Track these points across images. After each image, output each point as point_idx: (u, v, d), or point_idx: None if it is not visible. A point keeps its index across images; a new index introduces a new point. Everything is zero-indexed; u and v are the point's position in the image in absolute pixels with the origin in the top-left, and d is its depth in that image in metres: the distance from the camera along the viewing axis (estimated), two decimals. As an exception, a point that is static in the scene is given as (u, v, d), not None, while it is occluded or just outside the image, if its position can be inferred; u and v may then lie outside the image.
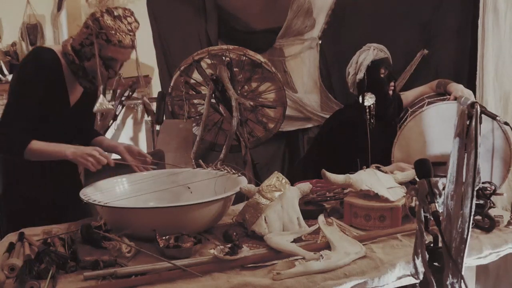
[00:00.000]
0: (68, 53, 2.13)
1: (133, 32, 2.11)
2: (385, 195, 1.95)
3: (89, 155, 2.01)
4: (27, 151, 2.03)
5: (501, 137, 2.44)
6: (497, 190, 2.01)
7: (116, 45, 2.06)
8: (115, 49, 2.08)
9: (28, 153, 2.04)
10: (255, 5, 4.12)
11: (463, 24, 3.60)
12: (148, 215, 1.85)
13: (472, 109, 1.39)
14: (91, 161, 2.00)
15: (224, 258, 1.62)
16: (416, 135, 2.56)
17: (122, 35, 2.06)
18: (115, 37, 2.05)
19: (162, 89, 4.19)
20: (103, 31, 2.04)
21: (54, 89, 2.14)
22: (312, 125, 4.12)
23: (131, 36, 2.09)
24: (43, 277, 1.53)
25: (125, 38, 2.07)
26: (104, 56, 2.09)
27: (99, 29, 2.04)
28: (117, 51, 2.09)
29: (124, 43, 2.07)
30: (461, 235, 1.39)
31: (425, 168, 1.41)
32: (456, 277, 1.37)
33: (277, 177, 1.97)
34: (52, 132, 2.15)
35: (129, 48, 2.10)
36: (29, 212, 2.21)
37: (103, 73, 2.12)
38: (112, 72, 2.16)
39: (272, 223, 1.86)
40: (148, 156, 2.28)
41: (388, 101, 2.77)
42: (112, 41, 2.05)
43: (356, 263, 1.66)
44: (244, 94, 3.82)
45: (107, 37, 2.05)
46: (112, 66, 2.13)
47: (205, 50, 3.72)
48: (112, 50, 2.08)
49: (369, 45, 2.78)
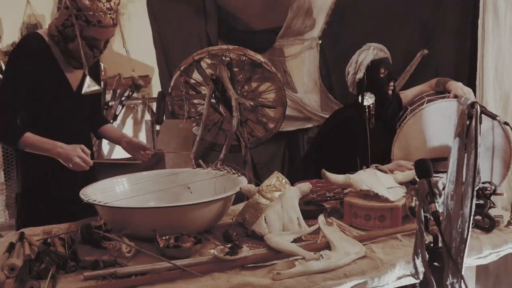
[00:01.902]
0: (53, 34, 2.13)
1: (113, 10, 2.07)
2: (385, 195, 1.95)
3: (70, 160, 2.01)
4: (21, 142, 2.05)
5: (501, 135, 2.44)
6: (497, 190, 2.01)
7: (96, 25, 2.04)
8: (95, 29, 2.05)
9: (22, 145, 2.06)
10: (255, 5, 4.11)
11: (463, 24, 3.60)
12: (148, 215, 1.85)
13: (472, 109, 1.39)
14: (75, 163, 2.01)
15: (224, 258, 1.62)
16: (416, 133, 2.57)
17: (101, 15, 2.03)
18: (94, 18, 2.02)
19: (162, 89, 4.18)
20: (82, 12, 2.02)
21: (49, 73, 2.14)
22: (312, 125, 4.12)
23: (110, 14, 2.06)
24: (43, 277, 1.53)
25: (105, 18, 2.04)
26: (86, 36, 2.08)
27: (78, 11, 2.02)
28: (98, 31, 2.06)
29: (104, 22, 2.04)
30: (461, 235, 1.39)
31: (425, 168, 1.42)
32: (456, 277, 1.37)
33: (277, 177, 1.97)
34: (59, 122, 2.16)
35: (110, 27, 2.08)
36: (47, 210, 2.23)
37: (88, 53, 2.11)
38: (97, 52, 2.15)
39: (272, 223, 1.86)
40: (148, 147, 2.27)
41: (388, 100, 2.77)
42: (91, 21, 2.03)
43: (356, 263, 1.66)
44: (244, 94, 3.82)
45: (86, 18, 2.03)
46: (95, 45, 2.12)
47: (205, 50, 3.72)
48: (92, 30, 2.06)
49: (369, 44, 2.78)
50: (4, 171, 4.80)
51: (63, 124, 2.21)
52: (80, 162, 2.01)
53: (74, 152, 2.02)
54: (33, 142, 2.06)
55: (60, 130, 2.15)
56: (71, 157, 2.01)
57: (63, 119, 2.22)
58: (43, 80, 2.12)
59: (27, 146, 2.07)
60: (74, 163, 2.01)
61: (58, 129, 2.15)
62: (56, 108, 2.19)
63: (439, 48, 3.68)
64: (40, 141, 2.07)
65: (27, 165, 2.25)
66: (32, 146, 2.07)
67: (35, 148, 2.07)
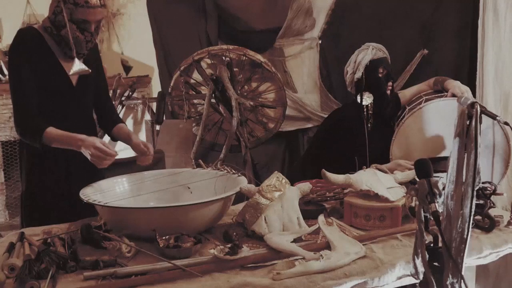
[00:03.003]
0: (46, 25, 2.16)
1: None
2: (385, 195, 1.95)
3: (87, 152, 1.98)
4: (44, 137, 2.06)
5: (501, 133, 2.44)
6: (497, 190, 2.01)
7: (84, 6, 2.07)
8: (84, 10, 2.08)
9: (46, 140, 2.07)
10: (255, 5, 4.11)
11: (463, 24, 3.60)
12: (148, 215, 1.85)
13: (472, 109, 1.39)
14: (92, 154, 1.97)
15: (224, 258, 1.62)
16: (415, 132, 2.57)
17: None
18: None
19: (162, 89, 4.18)
20: None
21: (47, 67, 2.16)
22: (312, 125, 4.12)
23: None
24: (43, 277, 1.53)
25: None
26: (76, 19, 2.10)
27: None
28: (86, 12, 2.09)
29: (91, 3, 2.08)
30: (461, 235, 1.39)
31: (425, 168, 1.41)
32: (456, 277, 1.37)
33: (277, 177, 1.97)
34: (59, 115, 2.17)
35: (97, 7, 2.11)
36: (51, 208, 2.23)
37: (79, 37, 2.14)
38: (88, 35, 2.16)
39: (272, 223, 1.86)
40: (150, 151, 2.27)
41: (386, 100, 2.77)
42: (78, 3, 2.07)
43: (356, 263, 1.66)
44: (244, 94, 3.82)
45: (73, 0, 2.06)
46: (86, 28, 2.14)
47: (205, 50, 3.72)
48: (81, 12, 2.09)
49: (368, 44, 2.78)
50: (4, 171, 4.80)
51: (63, 117, 2.20)
52: (97, 152, 1.96)
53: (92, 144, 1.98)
54: (56, 136, 2.07)
55: (60, 123, 2.13)
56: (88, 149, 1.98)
57: (63, 111, 2.22)
58: (41, 71, 2.14)
59: (50, 141, 2.07)
60: (92, 156, 1.98)
61: (58, 123, 2.13)
62: (55, 99, 2.19)
63: (439, 48, 3.68)
64: (62, 135, 2.07)
65: (31, 164, 2.25)
66: (55, 140, 2.07)
67: (58, 142, 2.07)
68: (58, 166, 2.24)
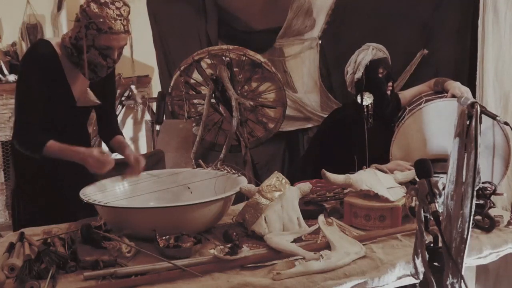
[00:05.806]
0: (67, 45, 2.13)
1: (123, 17, 2.08)
2: (385, 195, 1.95)
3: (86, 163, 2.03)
4: (45, 150, 2.07)
5: (500, 133, 2.45)
6: (497, 190, 2.01)
7: (107, 33, 2.04)
8: (107, 37, 2.05)
9: (46, 153, 2.08)
10: (255, 5, 4.12)
11: (463, 24, 3.60)
12: (148, 215, 1.85)
13: (472, 109, 1.39)
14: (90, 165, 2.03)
15: (224, 258, 1.62)
16: (414, 132, 2.57)
17: (111, 21, 2.03)
18: (105, 25, 2.02)
19: (162, 89, 4.18)
20: (92, 20, 2.03)
21: (55, 83, 2.14)
22: (312, 125, 4.12)
23: (121, 21, 2.06)
24: (43, 277, 1.53)
25: (115, 24, 2.04)
26: (99, 45, 2.07)
27: (88, 20, 2.03)
28: (109, 38, 2.06)
29: (114, 29, 2.04)
30: (461, 235, 1.39)
31: (425, 168, 1.42)
32: (456, 277, 1.37)
33: (277, 177, 1.97)
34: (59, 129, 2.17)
35: (121, 33, 2.07)
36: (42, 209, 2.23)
37: (101, 63, 2.11)
38: (111, 61, 2.13)
39: (272, 223, 1.86)
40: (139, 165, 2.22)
41: (386, 101, 2.77)
42: (102, 29, 2.03)
43: (356, 263, 1.66)
44: (244, 94, 3.82)
45: (96, 26, 2.03)
46: (109, 54, 2.11)
47: (205, 50, 3.72)
48: (104, 38, 2.05)
49: (368, 44, 2.78)
50: (4, 171, 4.80)
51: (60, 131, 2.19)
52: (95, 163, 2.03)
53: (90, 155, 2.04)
54: (57, 149, 2.08)
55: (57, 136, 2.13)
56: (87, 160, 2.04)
57: (61, 126, 2.22)
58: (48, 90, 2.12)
59: (51, 154, 2.08)
60: (90, 166, 2.04)
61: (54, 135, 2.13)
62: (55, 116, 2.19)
63: (439, 48, 3.68)
64: (64, 149, 2.08)
65: (22, 163, 2.26)
66: (55, 153, 2.08)
67: (58, 155, 2.09)
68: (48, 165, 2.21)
